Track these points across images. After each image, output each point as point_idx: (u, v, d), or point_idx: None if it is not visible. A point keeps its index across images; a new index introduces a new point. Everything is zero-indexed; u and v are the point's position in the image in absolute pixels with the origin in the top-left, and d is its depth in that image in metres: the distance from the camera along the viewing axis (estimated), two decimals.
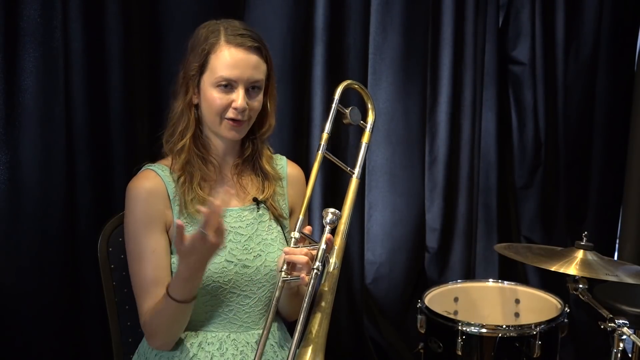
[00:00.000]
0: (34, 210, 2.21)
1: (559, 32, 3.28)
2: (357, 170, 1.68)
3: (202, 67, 1.62)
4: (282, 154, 1.85)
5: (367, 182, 3.01)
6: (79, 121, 2.24)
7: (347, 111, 1.68)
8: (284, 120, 2.60)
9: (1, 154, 2.15)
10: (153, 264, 1.62)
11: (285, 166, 1.81)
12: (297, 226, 1.56)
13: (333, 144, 2.73)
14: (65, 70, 2.20)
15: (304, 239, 1.57)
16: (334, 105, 1.67)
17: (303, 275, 1.49)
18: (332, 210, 1.53)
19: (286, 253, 1.53)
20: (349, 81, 1.75)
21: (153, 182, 1.65)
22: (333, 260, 1.52)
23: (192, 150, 1.66)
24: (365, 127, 1.76)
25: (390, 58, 2.97)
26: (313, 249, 1.53)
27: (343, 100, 1.70)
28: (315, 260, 1.48)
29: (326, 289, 1.51)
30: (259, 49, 1.64)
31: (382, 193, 3.08)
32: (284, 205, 1.77)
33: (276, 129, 2.55)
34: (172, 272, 1.64)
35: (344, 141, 2.79)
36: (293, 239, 1.55)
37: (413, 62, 3.00)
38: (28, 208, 2.20)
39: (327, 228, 1.51)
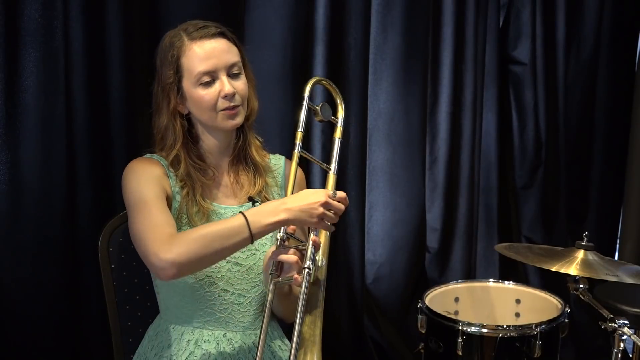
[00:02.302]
0: (34, 210, 2.21)
1: (560, 32, 3.28)
2: (333, 166, 1.68)
3: (178, 73, 1.62)
4: (281, 153, 1.85)
5: (367, 182, 3.01)
6: (79, 121, 2.24)
7: (318, 108, 1.68)
8: (284, 120, 2.60)
9: (1, 154, 2.15)
10: (159, 207, 1.57)
11: (283, 166, 1.81)
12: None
13: (329, 145, 2.72)
14: (65, 70, 2.20)
15: (288, 238, 1.56)
16: (304, 103, 1.67)
17: (295, 275, 1.50)
18: None
19: (274, 254, 1.53)
20: (317, 78, 1.75)
21: (155, 161, 1.66)
22: (319, 257, 1.52)
23: (188, 162, 1.66)
24: (337, 122, 1.76)
25: (391, 58, 2.97)
26: (300, 248, 1.53)
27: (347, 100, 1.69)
28: (306, 259, 1.48)
29: (315, 287, 1.51)
30: (224, 34, 1.65)
31: (383, 193, 3.07)
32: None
33: (276, 129, 2.58)
34: None
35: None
36: (278, 240, 1.55)
37: (413, 62, 3.00)
38: (28, 208, 2.20)
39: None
